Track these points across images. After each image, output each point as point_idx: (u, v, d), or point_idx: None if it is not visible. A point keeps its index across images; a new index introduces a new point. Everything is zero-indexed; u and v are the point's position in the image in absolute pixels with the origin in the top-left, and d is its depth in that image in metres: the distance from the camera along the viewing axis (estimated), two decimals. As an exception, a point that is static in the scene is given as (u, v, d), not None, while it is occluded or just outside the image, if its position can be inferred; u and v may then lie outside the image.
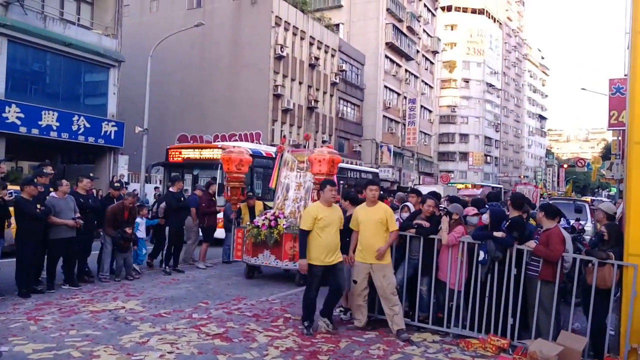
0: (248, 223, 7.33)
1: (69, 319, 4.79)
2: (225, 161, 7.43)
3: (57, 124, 14.97)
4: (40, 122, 14.55)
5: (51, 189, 6.47)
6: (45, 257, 6.04)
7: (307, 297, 4.67)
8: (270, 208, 7.63)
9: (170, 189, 8.08)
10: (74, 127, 15.52)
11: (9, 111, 13.84)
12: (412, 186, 27.32)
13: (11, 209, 5.70)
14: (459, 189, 25.82)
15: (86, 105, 16.60)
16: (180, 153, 11.98)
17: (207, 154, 11.60)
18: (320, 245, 4.51)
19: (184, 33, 19.67)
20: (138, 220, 7.86)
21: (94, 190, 9.47)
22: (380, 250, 4.65)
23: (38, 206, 5.63)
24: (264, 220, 6.95)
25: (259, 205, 8.11)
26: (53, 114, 14.87)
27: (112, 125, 16.78)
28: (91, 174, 7.44)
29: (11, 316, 4.83)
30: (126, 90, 18.93)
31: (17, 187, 6.20)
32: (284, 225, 6.86)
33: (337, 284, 4.64)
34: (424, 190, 6.91)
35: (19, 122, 14.04)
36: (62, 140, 15.34)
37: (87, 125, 15.89)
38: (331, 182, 4.81)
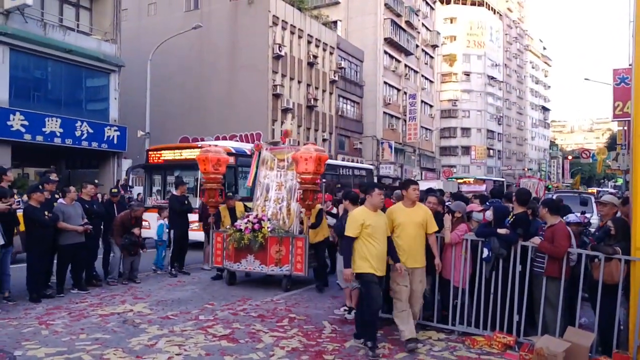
0: (228, 227, 6.90)
1: (79, 323, 4.87)
2: (201, 161, 7.00)
3: (61, 130, 15.12)
4: (44, 129, 14.70)
5: (57, 196, 6.56)
6: (55, 262, 6.13)
7: (367, 312, 4.15)
8: (251, 209, 7.26)
9: (174, 193, 8.13)
10: (77, 133, 15.65)
11: (14, 119, 13.98)
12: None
13: (19, 214, 5.81)
14: (459, 185, 25.07)
15: (88, 111, 16.72)
16: (160, 155, 11.52)
17: (187, 154, 11.01)
18: (372, 254, 4.12)
19: (183, 36, 19.69)
20: (161, 221, 7.98)
21: (99, 195, 9.56)
22: (438, 264, 4.55)
23: (46, 213, 5.73)
24: (246, 223, 6.54)
25: (239, 206, 7.60)
26: (56, 121, 15.01)
27: (115, 130, 16.91)
28: (96, 180, 7.54)
29: (23, 321, 4.91)
30: (127, 94, 19.02)
31: (24, 197, 6.29)
32: (268, 228, 6.49)
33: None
34: (423, 186, 6.76)
35: (23, 130, 14.18)
36: (66, 146, 15.48)
37: (90, 130, 16.02)
38: (379, 186, 4.47)
